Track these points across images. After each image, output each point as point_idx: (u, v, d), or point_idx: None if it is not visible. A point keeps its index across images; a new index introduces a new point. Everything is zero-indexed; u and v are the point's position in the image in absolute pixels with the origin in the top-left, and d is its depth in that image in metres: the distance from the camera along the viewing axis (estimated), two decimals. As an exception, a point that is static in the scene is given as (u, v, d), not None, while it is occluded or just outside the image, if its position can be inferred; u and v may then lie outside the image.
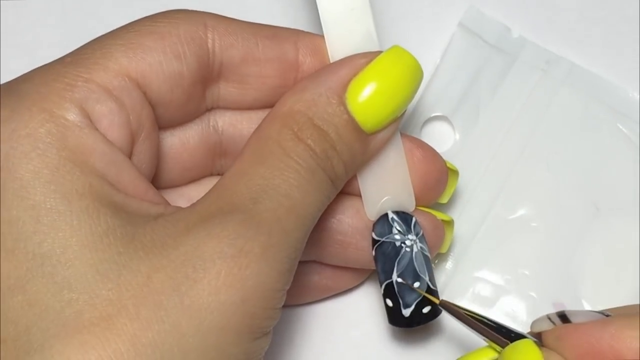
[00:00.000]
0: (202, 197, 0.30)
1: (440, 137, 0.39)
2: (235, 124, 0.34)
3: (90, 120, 0.29)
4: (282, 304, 0.29)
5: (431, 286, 0.33)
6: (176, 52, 0.31)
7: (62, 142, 0.28)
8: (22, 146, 0.28)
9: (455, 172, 0.35)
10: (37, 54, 0.39)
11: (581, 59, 0.39)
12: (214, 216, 0.28)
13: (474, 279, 0.37)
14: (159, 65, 0.30)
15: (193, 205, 0.29)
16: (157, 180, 0.33)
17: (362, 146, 0.32)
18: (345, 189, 0.33)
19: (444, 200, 0.35)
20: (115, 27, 0.32)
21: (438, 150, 0.38)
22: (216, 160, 0.35)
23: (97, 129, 0.29)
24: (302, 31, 0.34)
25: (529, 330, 0.31)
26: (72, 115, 0.29)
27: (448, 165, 0.35)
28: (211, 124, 0.34)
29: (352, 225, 0.34)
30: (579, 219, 0.37)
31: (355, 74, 0.31)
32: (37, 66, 0.31)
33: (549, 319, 0.30)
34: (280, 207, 0.29)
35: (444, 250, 0.36)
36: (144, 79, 0.30)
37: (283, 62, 0.33)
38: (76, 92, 0.29)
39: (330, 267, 0.35)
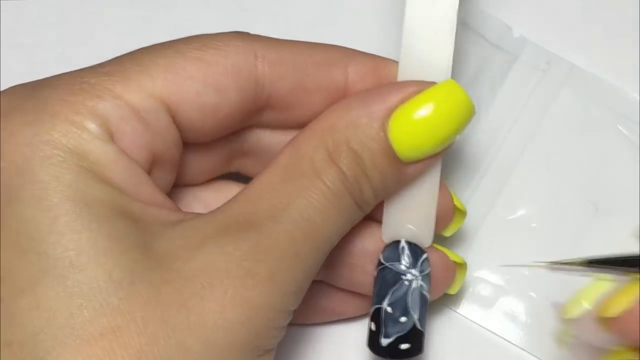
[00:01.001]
0: (224, 205, 0.29)
1: (441, 137, 0.39)
2: (258, 134, 0.34)
3: (111, 136, 0.29)
4: (288, 322, 0.29)
5: (418, 326, 0.32)
6: (218, 84, 0.30)
7: (83, 153, 0.28)
8: (43, 151, 0.27)
9: (462, 212, 0.34)
10: (37, 54, 0.39)
11: (581, 60, 0.39)
12: (230, 232, 0.28)
13: (474, 279, 0.37)
14: (196, 95, 0.30)
15: (213, 213, 0.29)
16: (175, 180, 0.33)
17: (396, 175, 0.31)
18: None
19: (448, 234, 0.35)
20: (115, 28, 0.32)
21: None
22: (234, 160, 0.34)
23: (117, 145, 0.29)
24: (355, 52, 0.33)
25: None
26: (95, 128, 0.28)
27: (457, 204, 0.34)
28: (236, 134, 0.33)
29: (362, 248, 0.33)
30: (578, 219, 0.37)
31: (403, 101, 0.30)
32: (36, 66, 0.31)
33: None
34: (299, 230, 0.29)
35: (453, 292, 0.35)
36: (177, 105, 0.30)
37: (331, 90, 0.32)
38: (102, 106, 0.28)
39: (340, 292, 0.35)
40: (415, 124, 0.30)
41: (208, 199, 0.34)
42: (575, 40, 0.39)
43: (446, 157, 0.37)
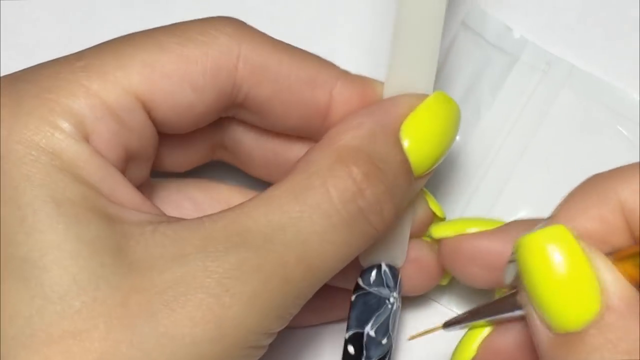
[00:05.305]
0: (217, 214, 0.28)
1: (441, 137, 0.39)
2: (236, 129, 0.33)
3: (86, 135, 0.28)
4: (269, 342, 0.28)
5: (392, 343, 0.33)
6: (195, 84, 0.29)
7: (56, 152, 0.27)
8: (17, 151, 0.27)
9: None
10: (37, 54, 0.39)
11: (581, 60, 0.39)
12: (216, 245, 0.27)
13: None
14: (171, 94, 0.29)
15: (201, 221, 0.28)
16: (155, 164, 0.32)
17: (409, 190, 0.30)
18: None
19: (444, 282, 0.35)
20: (115, 27, 0.31)
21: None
22: (216, 151, 0.34)
23: (91, 145, 0.28)
24: (343, 74, 0.32)
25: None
26: (69, 127, 0.28)
27: (435, 209, 0.34)
28: (216, 125, 0.33)
29: None
30: (578, 219, 0.37)
31: (408, 114, 0.30)
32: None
33: None
34: (291, 253, 0.27)
35: (444, 283, 0.35)
36: (152, 103, 0.29)
37: (311, 109, 0.31)
38: (77, 105, 0.28)
39: (339, 291, 0.34)
40: (425, 134, 0.30)
41: (197, 197, 0.34)
42: (575, 41, 0.39)
43: (446, 157, 0.37)
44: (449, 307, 0.37)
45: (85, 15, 0.40)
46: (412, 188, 0.31)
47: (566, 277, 0.26)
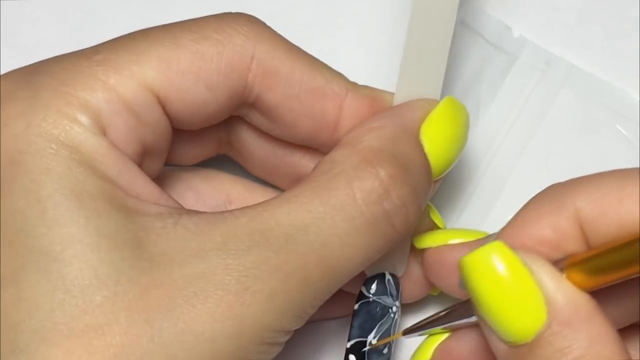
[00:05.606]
0: (239, 210, 0.28)
1: (441, 137, 0.39)
2: (242, 129, 0.34)
3: (103, 129, 0.28)
4: (286, 339, 0.29)
5: (392, 352, 0.33)
6: (209, 82, 0.29)
7: (75, 146, 0.27)
8: (36, 144, 0.27)
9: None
10: (37, 54, 0.39)
11: (581, 60, 0.39)
12: (237, 242, 0.27)
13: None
14: (186, 91, 0.29)
15: (223, 217, 0.28)
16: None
17: (430, 194, 0.30)
18: None
19: (435, 293, 0.35)
20: (115, 27, 0.32)
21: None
22: (222, 147, 0.34)
23: (108, 138, 0.28)
24: (353, 86, 0.32)
25: None
26: (86, 120, 0.28)
27: (435, 219, 0.34)
28: (226, 122, 0.33)
29: None
30: (578, 219, 0.37)
31: (425, 118, 0.31)
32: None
33: None
34: (312, 254, 0.27)
35: (435, 293, 0.35)
36: (167, 98, 0.29)
37: (320, 120, 0.31)
38: (94, 99, 0.28)
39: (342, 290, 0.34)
40: (444, 137, 0.30)
41: (199, 187, 0.34)
42: (575, 40, 0.39)
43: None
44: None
45: (85, 15, 0.40)
46: (431, 193, 0.31)
47: (507, 292, 0.26)
